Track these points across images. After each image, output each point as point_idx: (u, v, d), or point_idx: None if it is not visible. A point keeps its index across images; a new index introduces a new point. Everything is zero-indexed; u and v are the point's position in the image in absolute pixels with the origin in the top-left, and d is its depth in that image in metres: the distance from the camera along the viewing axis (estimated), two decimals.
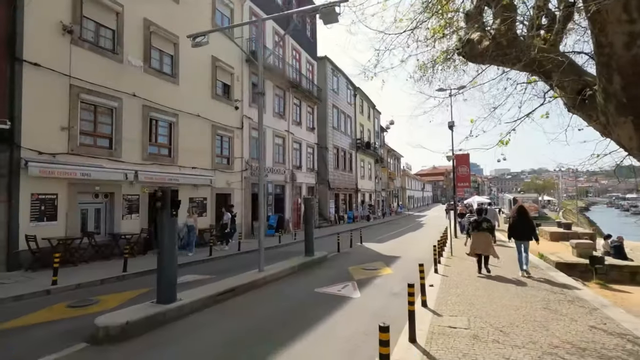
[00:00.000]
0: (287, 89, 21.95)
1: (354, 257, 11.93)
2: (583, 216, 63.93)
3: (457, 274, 8.50)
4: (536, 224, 29.05)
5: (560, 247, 19.25)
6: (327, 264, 10.25)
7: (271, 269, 8.35)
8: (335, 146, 30.30)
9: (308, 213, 10.47)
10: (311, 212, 10.57)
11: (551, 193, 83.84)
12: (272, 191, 19.90)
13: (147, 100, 12.14)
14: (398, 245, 15.62)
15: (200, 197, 14.57)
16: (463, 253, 12.14)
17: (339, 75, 31.81)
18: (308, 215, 10.43)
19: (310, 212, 10.51)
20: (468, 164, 19.88)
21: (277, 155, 20.76)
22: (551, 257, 13.14)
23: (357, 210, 34.68)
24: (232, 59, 16.72)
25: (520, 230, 8.52)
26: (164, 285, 5.22)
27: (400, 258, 11.77)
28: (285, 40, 22.09)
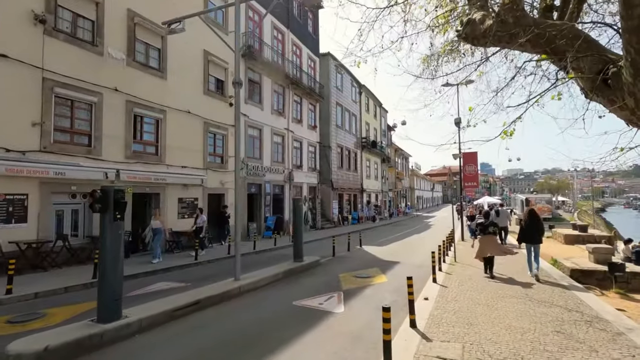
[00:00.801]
0: (287, 86, 21.20)
1: (349, 262, 11.10)
2: (599, 217, 61.65)
3: (458, 285, 7.59)
4: (549, 226, 27.82)
5: (575, 251, 18.08)
6: (316, 271, 9.43)
7: (250, 277, 7.58)
8: (339, 145, 29.45)
9: (297, 215, 9.68)
10: (300, 214, 9.78)
11: (565, 193, 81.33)
12: (270, 191, 19.17)
13: (130, 96, 11.51)
14: (400, 249, 14.71)
15: (190, 198, 13.91)
16: (468, 258, 11.20)
17: (343, 72, 30.95)
18: (297, 218, 9.63)
19: (300, 214, 9.72)
20: (476, 162, 18.83)
21: (275, 154, 20.02)
22: (565, 263, 12.10)
23: (362, 211, 33.75)
24: (226, 54, 16.01)
25: (531, 234, 8.49)
26: (105, 301, 4.50)
27: (399, 264, 10.89)
28: (285, 36, 21.36)
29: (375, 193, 39.30)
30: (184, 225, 13.48)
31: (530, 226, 8.55)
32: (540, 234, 8.56)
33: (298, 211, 9.65)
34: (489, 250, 8.63)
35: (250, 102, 17.91)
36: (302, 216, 9.74)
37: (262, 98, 18.87)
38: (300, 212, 9.67)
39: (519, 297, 6.45)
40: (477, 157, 18.89)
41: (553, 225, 30.68)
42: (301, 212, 9.71)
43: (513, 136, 4.76)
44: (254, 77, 18.42)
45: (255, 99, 18.54)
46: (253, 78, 18.33)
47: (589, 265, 11.64)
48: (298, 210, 9.65)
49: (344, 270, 9.63)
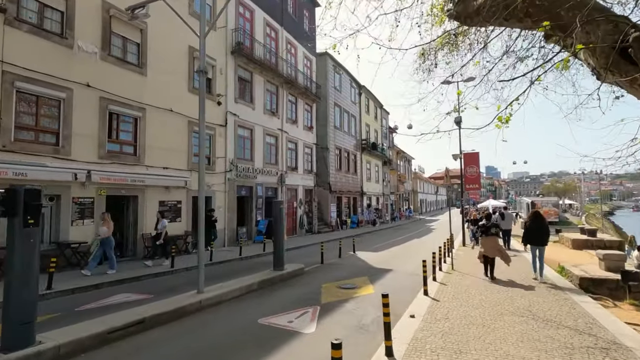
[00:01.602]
0: (281, 85, 20.48)
1: (337, 270, 10.25)
2: (608, 221, 59.99)
3: (452, 298, 6.72)
4: (556, 230, 26.71)
5: (583, 256, 17.06)
6: (297, 281, 8.58)
7: (216, 289, 6.75)
8: (337, 147, 28.66)
9: (277, 219, 8.86)
10: (281, 217, 8.95)
11: (572, 196, 79.66)
12: (262, 194, 18.39)
13: (105, 92, 10.82)
14: (396, 255, 13.83)
15: (173, 201, 13.17)
16: (467, 266, 10.30)
17: (342, 72, 30.22)
18: (277, 222, 8.82)
19: (280, 218, 8.89)
20: (478, 163, 17.95)
21: (268, 155, 19.25)
22: (574, 271, 11.15)
23: (362, 215, 32.85)
24: (213, 50, 15.35)
25: (535, 236, 8.44)
26: (11, 325, 3.71)
27: (392, 272, 10.02)
28: (279, 34, 20.68)
29: (376, 196, 38.39)
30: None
31: (535, 228, 8.47)
32: (545, 236, 8.47)
33: (278, 215, 8.83)
34: (489, 252, 8.67)
35: (241, 102, 17.19)
36: (282, 221, 8.93)
37: (254, 97, 18.15)
38: (280, 216, 8.86)
39: (520, 315, 5.57)
40: (478, 158, 18.00)
41: (560, 229, 29.54)
42: (281, 216, 8.91)
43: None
44: (245, 76, 17.72)
45: (246, 98, 17.82)
46: (243, 76, 17.62)
47: (599, 273, 10.70)
48: (278, 214, 8.84)
49: (329, 279, 8.78)
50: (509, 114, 3.84)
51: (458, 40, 9.22)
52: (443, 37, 7.60)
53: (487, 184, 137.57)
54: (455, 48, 9.74)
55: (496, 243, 9.02)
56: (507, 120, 3.83)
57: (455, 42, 9.14)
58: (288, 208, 21.02)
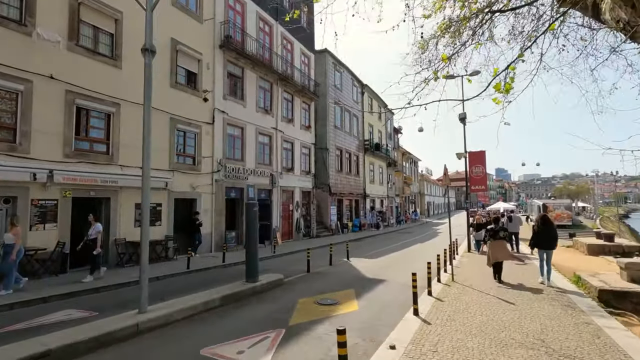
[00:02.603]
0: (275, 82, 19.52)
1: (322, 281, 9.17)
2: (623, 224, 57.60)
3: (447, 318, 5.60)
4: (570, 234, 25.13)
5: (600, 263, 15.68)
6: (271, 295, 7.52)
7: (165, 307, 5.73)
8: (338, 147, 27.59)
9: (250, 224, 7.81)
10: (254, 222, 7.91)
11: (586, 199, 77.14)
12: (254, 196, 17.40)
13: (72, 85, 9.97)
14: (393, 262, 12.68)
15: (151, 203, 12.23)
16: (470, 276, 9.12)
17: (343, 70, 29.19)
18: (250, 227, 7.78)
19: (254, 223, 7.85)
20: (484, 162, 16.70)
21: (261, 155, 18.28)
22: (591, 281, 9.90)
23: (364, 218, 31.68)
24: (199, 43, 14.48)
25: (543, 240, 8.43)
26: None
27: (384, 283, 8.90)
28: (274, 29, 19.76)
29: (380, 198, 37.18)
30: None
31: (543, 232, 8.44)
32: (554, 241, 8.45)
33: (251, 219, 7.79)
34: (498, 256, 8.68)
35: (231, 98, 16.27)
36: (255, 225, 7.89)
37: (245, 94, 17.22)
38: (255, 219, 7.81)
39: (530, 346, 4.43)
40: (485, 156, 16.76)
41: (574, 233, 27.90)
42: (254, 220, 7.86)
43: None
44: (235, 71, 16.80)
45: (237, 94, 16.90)
46: (234, 72, 16.71)
47: (621, 284, 9.43)
48: (251, 218, 7.79)
49: (309, 292, 7.71)
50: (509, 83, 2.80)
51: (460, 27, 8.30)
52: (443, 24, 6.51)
53: (497, 187, 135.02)
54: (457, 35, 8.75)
55: (504, 247, 9.01)
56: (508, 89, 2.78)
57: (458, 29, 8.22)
58: (283, 211, 20.02)
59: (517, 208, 68.97)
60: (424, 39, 9.32)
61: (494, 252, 8.74)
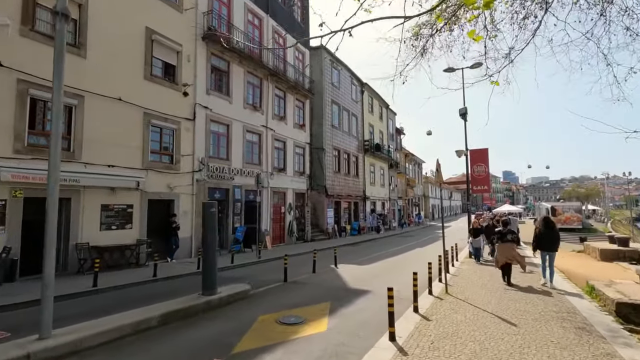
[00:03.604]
0: (265, 78, 18.54)
1: (297, 292, 8.06)
2: (635, 228, 55.49)
3: (431, 346, 4.47)
4: (580, 238, 23.65)
5: (614, 270, 14.34)
6: (228, 310, 6.38)
7: (78, 330, 4.65)
8: (335, 147, 26.51)
9: (207, 227, 6.73)
10: (213, 224, 6.84)
11: (596, 202, 74.93)
12: (240, 197, 16.38)
13: (25, 74, 9.06)
14: (384, 270, 11.53)
15: (121, 204, 11.27)
16: (467, 287, 7.96)
17: (341, 68, 28.16)
18: (207, 231, 6.71)
19: (211, 226, 6.78)
20: (486, 161, 15.49)
21: (249, 154, 17.27)
22: (607, 292, 8.67)
23: (364, 221, 30.49)
24: (178, 34, 13.54)
25: (545, 242, 8.41)
26: None
27: (368, 295, 7.77)
28: (264, 22, 18.80)
29: (381, 201, 35.96)
30: (110, 238, 10.84)
31: (546, 235, 8.44)
32: (556, 243, 8.45)
33: (208, 221, 6.72)
34: (506, 258, 8.65)
35: (215, 93, 15.30)
36: (213, 228, 6.82)
37: (231, 89, 16.24)
38: (210, 221, 6.74)
39: None
40: (487, 154, 15.55)
41: (585, 237, 26.40)
42: (212, 222, 6.79)
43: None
44: (220, 65, 15.84)
45: (222, 89, 15.94)
46: (218, 66, 15.75)
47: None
48: (209, 219, 6.72)
49: (276, 307, 6.62)
50: None
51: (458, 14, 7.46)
52: None
53: (504, 189, 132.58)
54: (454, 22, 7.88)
55: (513, 249, 8.86)
56: None
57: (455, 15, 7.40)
58: (274, 213, 18.96)
59: (525, 211, 67.16)
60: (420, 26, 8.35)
61: (503, 255, 8.73)
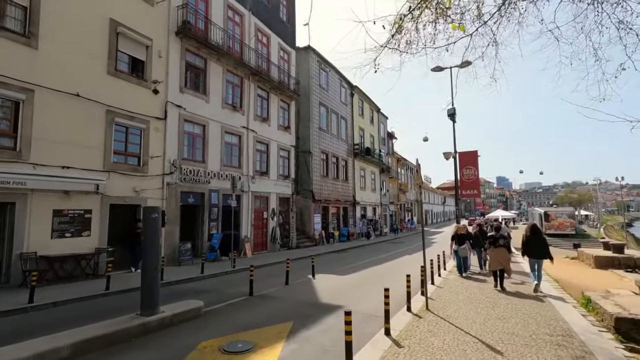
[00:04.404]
0: (247, 77, 17.72)
1: (260, 309, 7.15)
2: (628, 233, 55.27)
3: None
4: (574, 244, 22.97)
5: (611, 279, 13.62)
6: (168, 334, 5.42)
7: None
8: (323, 151, 25.71)
9: (147, 235, 5.82)
10: (154, 234, 5.93)
11: (588, 207, 74.85)
12: (218, 202, 15.43)
13: None
14: (367, 280, 10.65)
15: (77, 209, 10.29)
16: (451, 302, 7.08)
17: (329, 70, 27.47)
18: (147, 240, 5.79)
19: (152, 236, 5.86)
20: (476, 164, 14.75)
21: (227, 156, 16.37)
22: (605, 305, 7.93)
23: (354, 227, 29.63)
24: (148, 28, 12.69)
25: (533, 249, 8.50)
26: None
27: (339, 311, 6.87)
28: (245, 19, 18.01)
29: (372, 206, 35.16)
30: (64, 247, 9.84)
31: (533, 241, 8.54)
32: (543, 249, 8.43)
33: (150, 230, 5.80)
34: (499, 263, 8.78)
35: (190, 92, 14.43)
36: (154, 237, 5.92)
37: (208, 88, 15.39)
38: (151, 229, 5.83)
39: None
40: (477, 157, 14.81)
41: (579, 243, 25.77)
42: (153, 231, 5.89)
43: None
44: (196, 62, 15.00)
45: (198, 88, 15.07)
46: (194, 63, 14.90)
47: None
48: (149, 227, 5.81)
49: (228, 328, 5.70)
50: None
51: None
52: None
53: (497, 195, 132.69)
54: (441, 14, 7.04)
55: (505, 254, 8.92)
56: None
57: None
58: (256, 219, 18.03)
59: (518, 216, 66.79)
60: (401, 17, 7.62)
61: (496, 260, 8.80)
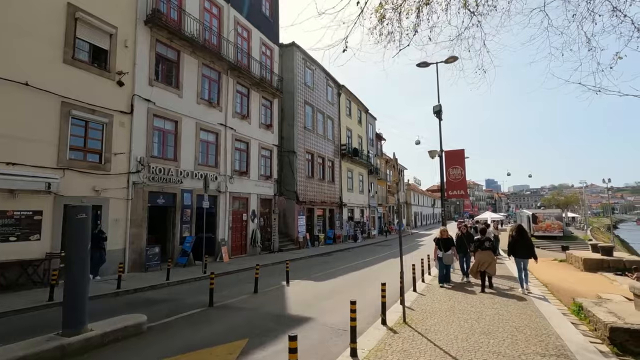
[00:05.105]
0: (225, 71, 16.86)
1: (215, 322, 6.29)
2: (614, 235, 55.70)
3: None
4: (562, 247, 22.61)
5: (601, 282, 13.12)
6: (90, 357, 4.61)
7: None
8: (308, 151, 24.92)
9: (73, 239, 4.93)
10: (81, 238, 5.03)
11: (575, 209, 75.47)
12: (191, 203, 14.49)
13: None
14: (344, 286, 9.85)
15: (24, 211, 9.28)
16: (433, 312, 6.32)
17: (315, 67, 26.74)
18: (72, 245, 4.89)
19: (79, 239, 4.97)
20: (463, 164, 14.12)
21: (203, 155, 15.45)
22: (598, 313, 7.36)
23: (340, 229, 28.86)
24: (112, 15, 11.76)
25: (519, 249, 8.69)
26: None
27: (306, 325, 6.07)
28: (223, 11, 17.15)
29: (360, 208, 34.47)
30: (6, 252, 8.83)
31: (519, 242, 8.73)
32: (529, 249, 8.64)
33: (75, 232, 4.92)
34: (484, 266, 8.72)
35: (160, 85, 13.50)
36: (82, 241, 5.04)
37: (182, 82, 14.48)
38: (77, 232, 4.94)
39: None
40: (464, 156, 14.19)
41: (567, 246, 25.44)
42: (80, 234, 5.00)
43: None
44: (168, 54, 14.09)
45: (170, 81, 14.16)
46: (166, 54, 13.99)
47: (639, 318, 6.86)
48: (75, 230, 4.92)
49: (169, 348, 4.84)
50: None
51: None
52: None
53: (487, 197, 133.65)
54: None
55: (491, 257, 8.87)
56: None
57: None
58: (234, 221, 17.12)
59: (507, 218, 66.90)
60: None
61: (480, 263, 8.76)
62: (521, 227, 9.10)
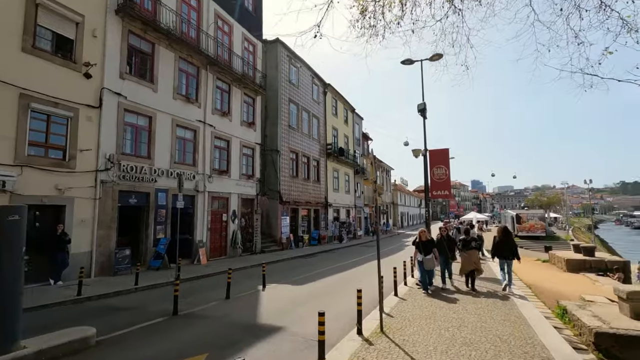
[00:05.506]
0: (204, 66, 16.21)
1: (176, 333, 5.75)
2: (595, 235, 56.92)
3: None
4: (545, 247, 22.71)
5: (583, 283, 13.04)
6: None
7: None
8: (292, 150, 24.39)
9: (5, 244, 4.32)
10: (15, 243, 4.42)
11: (557, 209, 76.94)
12: (166, 203, 13.81)
13: None
14: (322, 291, 9.39)
15: None
16: (413, 320, 5.90)
17: (300, 65, 26.24)
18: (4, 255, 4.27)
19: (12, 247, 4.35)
20: (447, 163, 13.84)
21: (179, 153, 14.77)
22: (582, 317, 7.12)
23: (325, 229, 28.42)
24: (80, 3, 11.03)
25: (503, 249, 8.73)
26: None
27: (276, 335, 5.59)
28: (203, 4, 16.50)
29: (346, 208, 34.10)
30: None
31: (503, 243, 8.76)
32: (512, 250, 8.68)
33: (6, 236, 4.30)
34: (471, 265, 8.76)
35: (132, 78, 12.79)
36: (15, 247, 4.43)
37: (157, 76, 13.79)
38: (10, 237, 4.34)
39: None
40: (448, 155, 13.91)
41: (550, 246, 25.60)
42: (14, 239, 4.41)
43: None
44: (142, 46, 13.38)
45: (144, 75, 13.45)
46: (139, 46, 13.28)
47: (625, 323, 6.62)
48: (6, 234, 4.31)
49: None
50: None
51: None
52: None
53: (472, 197, 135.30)
54: None
55: (476, 257, 8.96)
56: None
57: None
58: (214, 222, 16.48)
59: (491, 219, 67.71)
60: None
61: (467, 262, 8.84)
62: (506, 229, 9.19)
